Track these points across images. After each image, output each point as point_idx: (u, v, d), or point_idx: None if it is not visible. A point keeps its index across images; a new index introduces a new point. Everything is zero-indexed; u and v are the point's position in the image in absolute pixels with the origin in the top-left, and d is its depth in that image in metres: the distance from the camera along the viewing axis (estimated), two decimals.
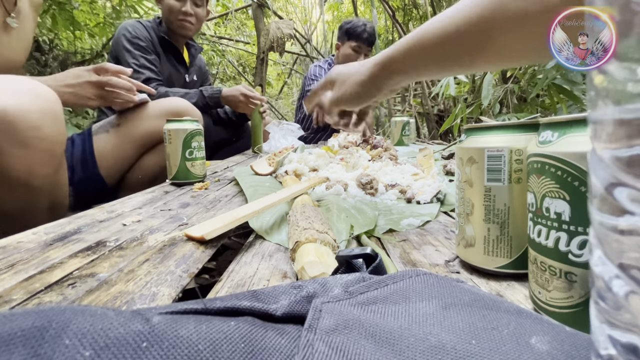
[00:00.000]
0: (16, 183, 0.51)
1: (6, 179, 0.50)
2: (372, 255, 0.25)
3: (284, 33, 2.61)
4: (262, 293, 0.20)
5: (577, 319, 0.22)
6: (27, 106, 0.50)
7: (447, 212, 0.55)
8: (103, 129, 0.95)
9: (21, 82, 0.53)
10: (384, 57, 0.44)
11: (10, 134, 0.48)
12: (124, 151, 0.94)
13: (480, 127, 0.32)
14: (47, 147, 0.53)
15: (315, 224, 0.37)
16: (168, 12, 1.36)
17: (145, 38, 1.32)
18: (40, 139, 0.52)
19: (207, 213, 0.54)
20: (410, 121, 1.52)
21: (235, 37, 4.31)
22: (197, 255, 0.37)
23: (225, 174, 0.94)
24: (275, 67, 4.80)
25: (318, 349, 0.15)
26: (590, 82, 0.12)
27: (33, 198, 0.56)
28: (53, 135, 0.54)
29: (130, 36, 1.28)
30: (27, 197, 0.54)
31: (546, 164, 0.23)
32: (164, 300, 0.28)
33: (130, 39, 1.28)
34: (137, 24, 1.33)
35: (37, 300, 0.27)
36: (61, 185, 0.64)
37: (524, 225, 0.29)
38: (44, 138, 0.52)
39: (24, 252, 0.37)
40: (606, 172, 0.12)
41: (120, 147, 0.94)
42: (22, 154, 0.50)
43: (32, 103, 0.51)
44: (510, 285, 0.30)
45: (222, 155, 1.47)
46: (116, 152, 0.93)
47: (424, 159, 0.88)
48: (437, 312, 0.18)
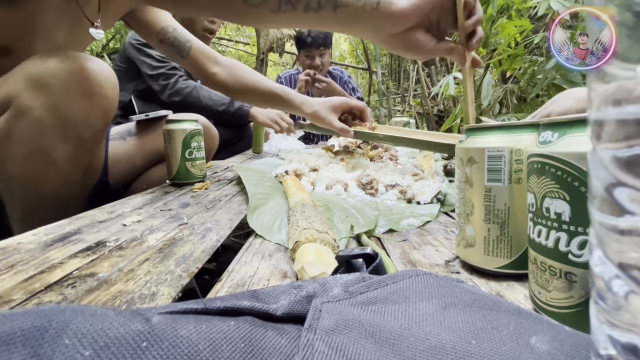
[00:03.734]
0: (73, 129, 0.61)
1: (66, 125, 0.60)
2: (372, 255, 0.25)
3: (284, 34, 2.61)
4: (262, 293, 0.20)
5: (577, 319, 0.22)
6: (98, 70, 0.63)
7: (447, 212, 0.55)
8: (120, 135, 0.95)
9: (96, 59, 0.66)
10: None
11: (83, 87, 0.61)
12: (135, 162, 0.96)
13: (480, 127, 0.32)
14: (105, 105, 0.65)
15: (315, 224, 0.37)
16: (190, 20, 1.36)
17: None
18: (102, 97, 0.64)
19: (207, 213, 0.54)
20: (410, 121, 1.52)
21: (234, 38, 4.31)
22: (197, 255, 0.37)
23: (225, 174, 0.94)
24: (275, 67, 4.80)
25: (318, 349, 0.15)
26: (590, 82, 0.12)
27: (80, 151, 0.65)
28: (111, 97, 0.66)
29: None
30: (76, 148, 0.63)
31: (546, 164, 0.23)
32: (164, 299, 0.28)
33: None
34: None
35: (37, 301, 0.27)
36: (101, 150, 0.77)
37: (524, 225, 0.29)
38: (105, 97, 0.64)
39: (24, 253, 0.37)
40: (606, 172, 0.12)
41: (132, 157, 0.95)
42: (86, 105, 0.62)
43: (102, 70, 0.65)
44: (510, 285, 0.30)
45: (223, 156, 1.47)
46: (128, 161, 0.95)
47: (424, 159, 0.88)
48: (437, 312, 0.18)
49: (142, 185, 0.99)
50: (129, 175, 0.97)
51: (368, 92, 3.58)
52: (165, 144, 0.76)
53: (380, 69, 2.99)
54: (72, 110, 0.60)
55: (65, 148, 0.61)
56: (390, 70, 4.03)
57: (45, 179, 0.61)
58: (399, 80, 3.91)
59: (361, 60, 4.07)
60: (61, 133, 0.60)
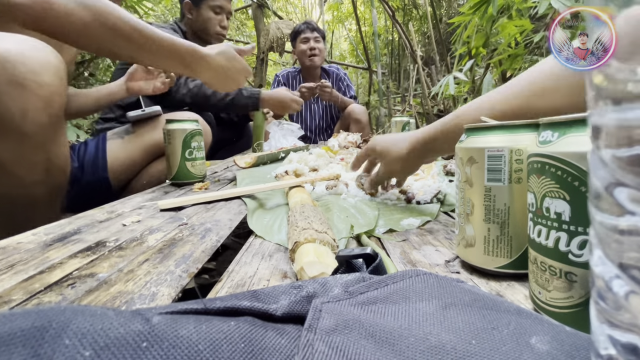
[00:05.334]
0: (9, 124, 0.53)
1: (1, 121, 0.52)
2: (372, 255, 0.25)
3: (284, 33, 2.61)
4: (262, 293, 0.20)
5: (577, 319, 0.22)
6: (28, 53, 0.54)
7: (447, 212, 0.55)
8: (118, 135, 0.97)
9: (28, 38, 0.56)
10: (426, 137, 0.50)
11: (10, 74, 0.51)
12: (134, 158, 0.97)
13: (480, 127, 0.32)
14: (44, 94, 0.55)
15: (314, 224, 0.37)
16: (205, 23, 1.39)
17: None
18: (38, 85, 0.54)
19: (207, 213, 0.54)
20: (411, 121, 1.52)
21: (235, 37, 4.31)
22: (196, 255, 0.37)
23: (225, 174, 0.94)
24: (275, 67, 4.80)
25: (318, 349, 0.15)
26: (590, 82, 0.12)
27: (28, 149, 0.56)
28: (52, 84, 0.56)
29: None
30: (22, 146, 0.55)
31: (546, 164, 0.23)
32: (164, 300, 0.28)
33: None
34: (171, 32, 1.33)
35: (37, 301, 0.27)
36: (60, 145, 0.64)
37: (524, 225, 0.29)
38: (42, 84, 0.55)
39: (23, 253, 0.37)
40: (606, 172, 0.12)
41: (131, 155, 0.96)
42: (18, 95, 0.52)
43: (34, 52, 0.55)
44: (510, 285, 0.30)
45: (223, 155, 1.47)
46: (127, 158, 0.96)
47: None
48: (437, 312, 0.18)
49: (142, 181, 1.00)
50: (129, 171, 0.97)
51: (368, 91, 3.58)
52: (165, 144, 0.76)
53: (380, 68, 2.99)
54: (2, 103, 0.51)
55: (6, 147, 0.54)
56: (391, 70, 4.03)
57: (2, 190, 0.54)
58: (399, 79, 3.91)
59: (361, 59, 4.07)
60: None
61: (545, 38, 1.45)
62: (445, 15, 3.48)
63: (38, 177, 0.59)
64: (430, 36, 2.96)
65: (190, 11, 1.41)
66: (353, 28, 4.60)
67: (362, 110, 1.91)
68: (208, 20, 1.39)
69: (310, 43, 1.98)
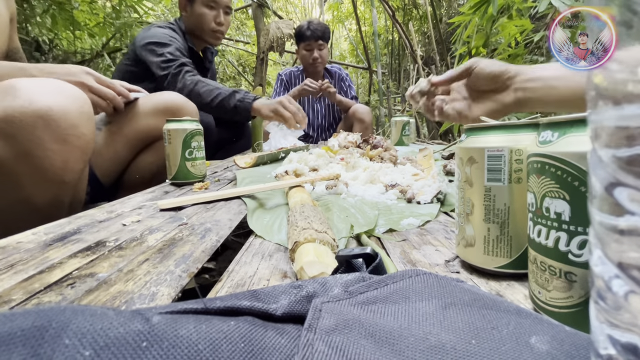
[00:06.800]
0: (52, 177, 0.55)
1: (44, 173, 0.55)
2: (372, 255, 0.25)
3: (284, 33, 2.61)
4: (262, 293, 0.20)
5: (577, 319, 0.22)
6: (68, 106, 0.56)
7: (447, 212, 0.55)
8: (95, 126, 0.94)
9: (62, 85, 0.58)
10: (522, 99, 0.56)
11: (54, 131, 0.54)
12: (117, 150, 0.92)
13: (480, 127, 0.32)
14: (82, 144, 0.59)
15: (314, 224, 0.37)
16: (199, 20, 1.34)
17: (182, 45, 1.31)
18: (77, 137, 0.57)
19: (207, 213, 0.54)
20: (411, 121, 1.52)
21: (235, 37, 4.31)
22: (196, 255, 0.37)
23: (225, 174, 0.94)
24: (275, 67, 4.80)
25: (318, 349, 0.15)
26: (590, 82, 0.12)
27: (63, 192, 0.59)
28: (88, 133, 0.60)
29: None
30: (59, 191, 0.58)
31: (546, 164, 0.23)
32: (164, 300, 0.28)
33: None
34: (170, 32, 1.31)
35: (37, 301, 0.27)
36: (84, 180, 0.68)
37: (524, 225, 0.29)
38: (81, 136, 0.58)
39: (23, 253, 0.37)
40: (606, 172, 0.12)
41: (113, 146, 0.91)
42: (61, 150, 0.55)
43: (72, 103, 0.57)
44: (510, 285, 0.30)
45: (222, 155, 1.47)
46: (109, 150, 0.91)
47: (424, 159, 0.88)
48: (437, 312, 0.18)
49: (134, 175, 0.96)
50: (116, 164, 0.93)
51: (368, 91, 3.58)
52: (165, 144, 0.76)
53: (380, 68, 2.99)
54: (48, 158, 0.54)
55: (45, 194, 0.56)
56: (391, 70, 4.03)
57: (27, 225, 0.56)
58: (399, 79, 3.91)
59: (361, 59, 4.07)
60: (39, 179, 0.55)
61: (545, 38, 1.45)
62: (445, 15, 3.48)
63: (64, 214, 0.61)
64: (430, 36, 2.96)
65: (184, 8, 1.37)
66: (353, 28, 4.60)
67: (366, 110, 1.91)
68: (201, 16, 1.33)
69: (314, 53, 1.95)
